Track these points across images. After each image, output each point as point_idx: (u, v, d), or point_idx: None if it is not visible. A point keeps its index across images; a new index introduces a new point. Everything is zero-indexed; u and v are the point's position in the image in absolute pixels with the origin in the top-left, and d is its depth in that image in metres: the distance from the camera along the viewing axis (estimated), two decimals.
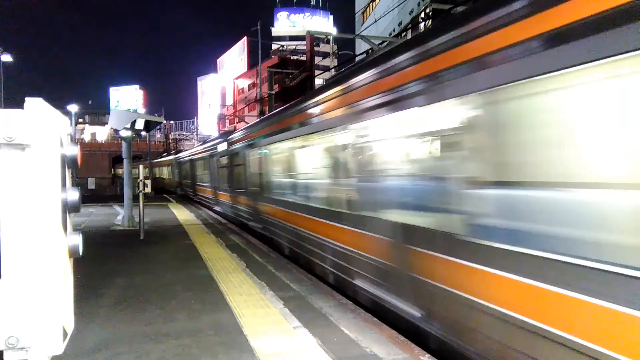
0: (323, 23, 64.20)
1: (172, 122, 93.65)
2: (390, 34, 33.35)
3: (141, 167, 13.44)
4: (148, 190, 12.87)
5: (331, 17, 66.90)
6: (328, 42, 48.72)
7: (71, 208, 1.99)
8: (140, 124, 13.64)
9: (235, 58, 73.02)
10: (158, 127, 64.03)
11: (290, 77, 45.40)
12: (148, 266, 8.84)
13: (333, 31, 45.46)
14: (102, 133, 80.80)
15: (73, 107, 38.51)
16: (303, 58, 43.73)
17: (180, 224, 15.66)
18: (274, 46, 56.20)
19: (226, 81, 76.48)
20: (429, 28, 9.08)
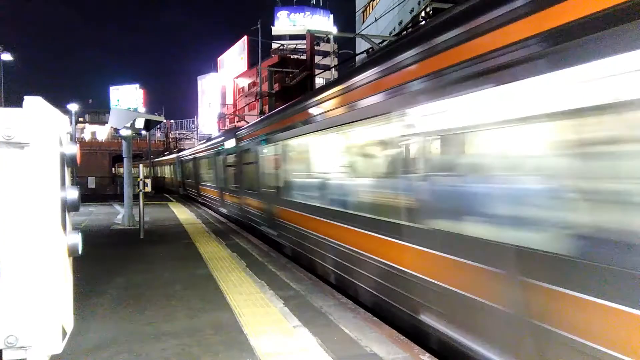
0: (323, 22, 64.05)
1: (172, 121, 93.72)
2: (390, 33, 33.34)
3: (141, 166, 13.45)
4: (148, 189, 12.88)
5: (331, 16, 66.76)
6: (328, 41, 48.55)
7: (70, 207, 2.00)
8: (140, 123, 13.63)
9: (235, 57, 72.84)
10: (158, 127, 64.06)
11: (290, 76, 45.34)
12: (148, 265, 8.84)
13: (333, 30, 45.31)
14: (102, 132, 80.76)
15: (73, 106, 38.40)
16: (303, 57, 43.62)
17: (180, 223, 15.66)
18: (274, 45, 56.11)
19: (226, 80, 76.32)
20: None
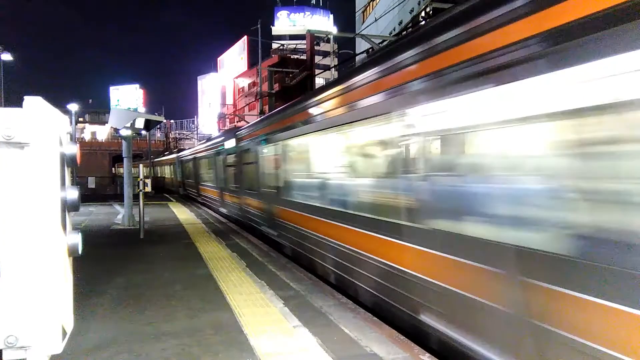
0: (323, 22, 64.05)
1: (172, 121, 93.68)
2: (390, 33, 33.33)
3: (141, 166, 13.45)
4: (148, 189, 12.88)
5: (331, 16, 66.77)
6: (328, 41, 48.55)
7: (70, 207, 2.00)
8: (140, 123, 13.63)
9: (235, 57, 72.84)
10: (158, 126, 64.04)
11: (290, 76, 45.34)
12: (148, 265, 8.84)
13: (333, 30, 45.32)
14: (103, 132, 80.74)
15: (73, 106, 38.38)
16: (303, 57, 43.62)
17: (180, 223, 15.66)
18: (274, 45, 56.11)
19: (226, 80, 76.34)
20: None
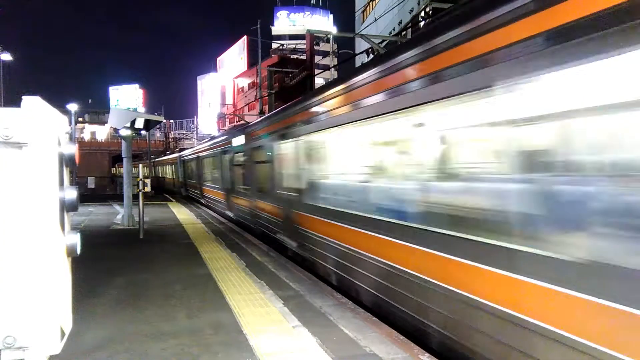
0: (323, 22, 64.02)
1: (172, 121, 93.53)
2: (390, 33, 33.30)
3: (141, 166, 13.45)
4: (148, 189, 12.88)
5: (331, 16, 66.72)
6: (328, 41, 48.56)
7: (69, 207, 1.99)
8: (140, 123, 13.63)
9: (235, 57, 72.86)
10: (158, 126, 63.97)
11: (290, 76, 45.35)
12: (147, 265, 8.84)
13: (333, 30, 45.33)
14: (102, 132, 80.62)
15: (72, 106, 38.31)
16: (303, 57, 43.62)
17: (180, 224, 15.66)
18: (274, 45, 56.12)
19: (226, 80, 76.37)
20: None
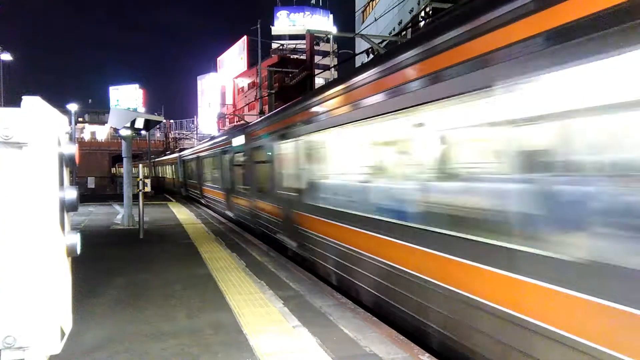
0: (323, 22, 64.05)
1: (172, 121, 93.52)
2: (390, 33, 33.30)
3: (141, 166, 13.44)
4: (148, 189, 12.88)
5: (331, 16, 66.73)
6: (328, 41, 48.61)
7: (69, 207, 1.99)
8: (140, 123, 13.63)
9: (235, 57, 72.87)
10: (158, 126, 63.96)
11: (290, 76, 45.35)
12: (147, 265, 8.84)
13: (333, 30, 45.36)
14: (102, 132, 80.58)
15: (73, 106, 38.30)
16: (303, 57, 43.63)
17: (180, 223, 15.66)
18: (274, 45, 56.12)
19: (226, 80, 76.38)
20: None
